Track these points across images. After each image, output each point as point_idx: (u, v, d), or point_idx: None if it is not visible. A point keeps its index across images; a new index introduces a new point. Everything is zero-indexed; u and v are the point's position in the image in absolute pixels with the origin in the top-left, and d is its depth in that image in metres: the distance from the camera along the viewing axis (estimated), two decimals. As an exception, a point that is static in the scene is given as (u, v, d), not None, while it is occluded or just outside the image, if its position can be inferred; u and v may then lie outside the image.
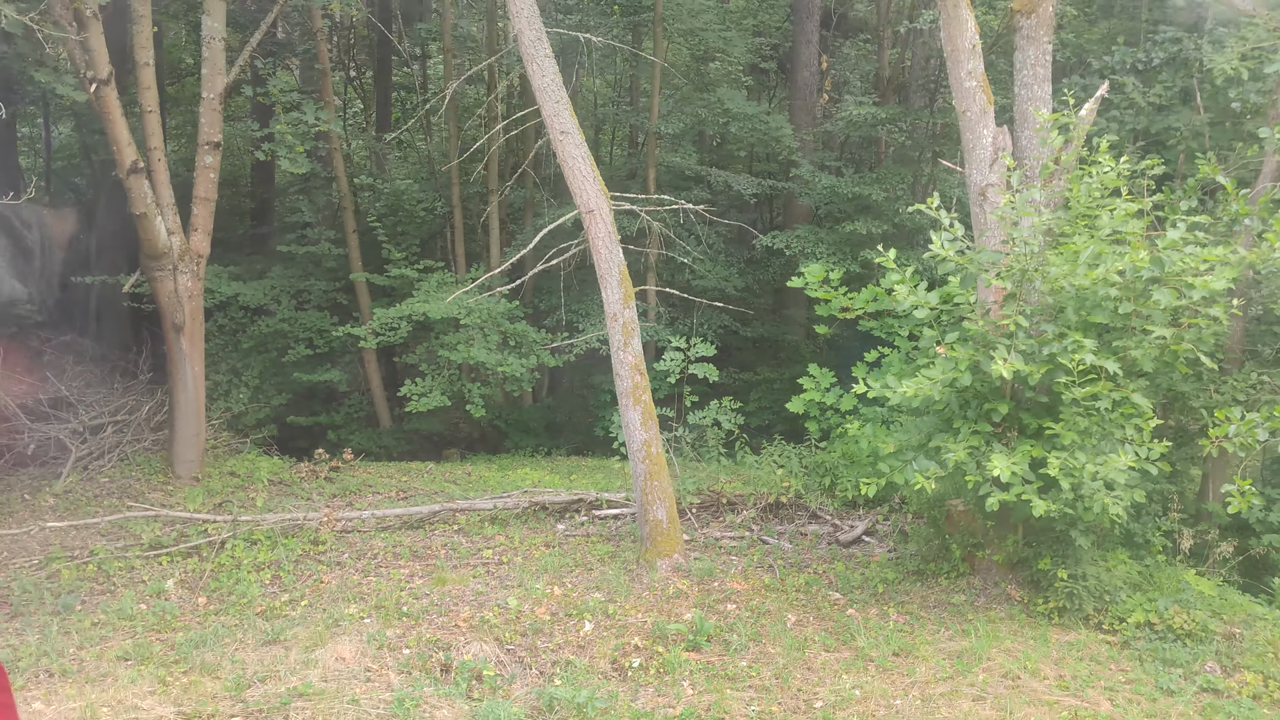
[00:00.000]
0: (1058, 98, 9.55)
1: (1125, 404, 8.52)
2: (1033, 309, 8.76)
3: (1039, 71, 9.55)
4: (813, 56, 22.35)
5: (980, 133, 9.25)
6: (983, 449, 8.78)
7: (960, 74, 9.19)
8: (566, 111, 10.69)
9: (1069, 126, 9.47)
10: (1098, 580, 9.15)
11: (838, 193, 17.17)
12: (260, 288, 18.96)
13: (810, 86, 22.41)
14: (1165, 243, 8.64)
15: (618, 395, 10.98)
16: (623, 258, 10.97)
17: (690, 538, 11.82)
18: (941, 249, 8.32)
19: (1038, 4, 9.42)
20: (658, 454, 10.82)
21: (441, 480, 14.69)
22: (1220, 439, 8.30)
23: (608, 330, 11.05)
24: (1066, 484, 8.32)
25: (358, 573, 10.51)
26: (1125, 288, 8.62)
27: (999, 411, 8.85)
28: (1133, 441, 8.64)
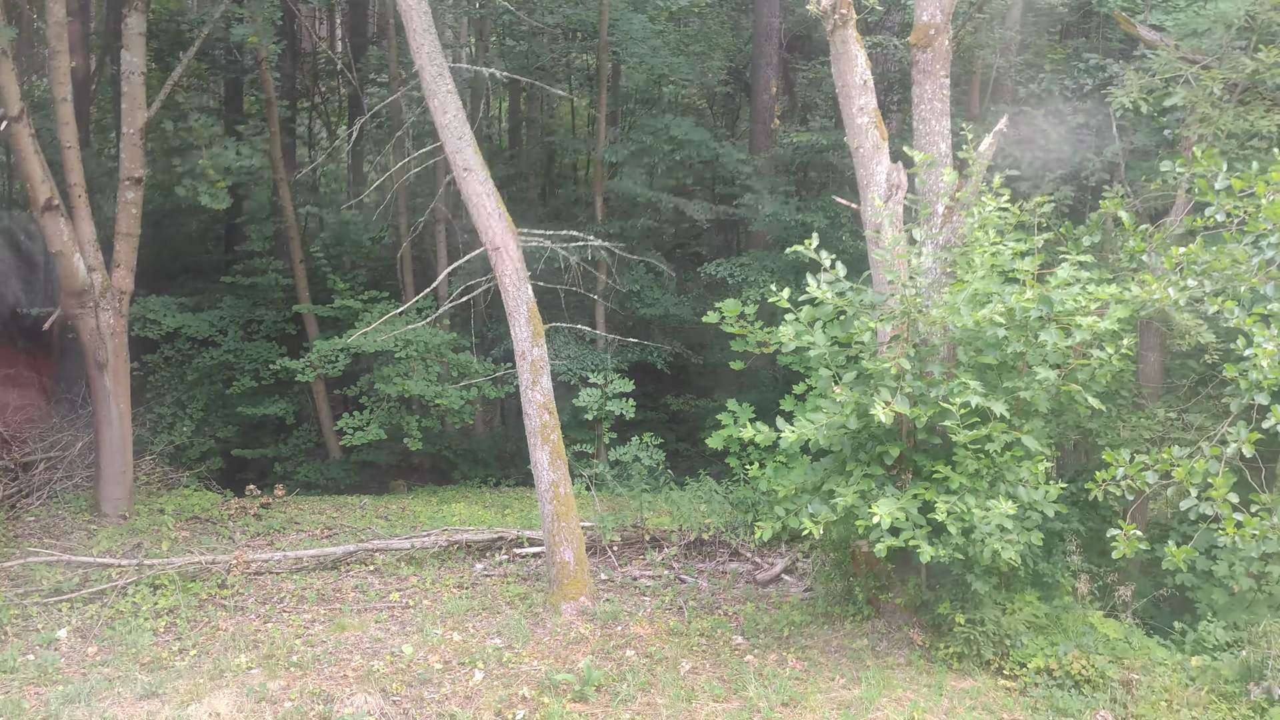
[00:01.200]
0: (966, 131, 9.40)
1: (1016, 446, 8.35)
2: (925, 350, 8.60)
3: (936, 106, 9.42)
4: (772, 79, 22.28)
5: (874, 169, 9.10)
6: (873, 492, 8.61)
7: (852, 110, 9.05)
8: (470, 148, 10.57)
9: (968, 162, 9.35)
10: (997, 624, 8.95)
11: (781, 219, 17.03)
12: (208, 318, 18.84)
13: (770, 110, 22.33)
14: (1056, 281, 8.50)
15: (527, 434, 10.81)
16: (531, 294, 10.82)
17: (608, 577, 11.64)
18: (818, 290, 8.16)
19: (933, 39, 9.29)
20: (566, 494, 10.65)
21: (372, 516, 14.51)
22: (1106, 483, 8.12)
23: (517, 368, 10.90)
24: (954, 529, 8.15)
25: (258, 618, 10.33)
26: (1018, 328, 8.47)
27: (890, 454, 8.68)
28: (1027, 484, 8.48)
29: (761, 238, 20.21)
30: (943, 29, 9.31)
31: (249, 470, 19.03)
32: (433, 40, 10.44)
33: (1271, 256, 7.77)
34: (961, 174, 9.49)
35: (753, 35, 22.88)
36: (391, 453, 18.77)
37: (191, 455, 18.21)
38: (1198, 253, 7.96)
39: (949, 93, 9.48)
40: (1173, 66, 9.40)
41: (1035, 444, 8.26)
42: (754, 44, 22.70)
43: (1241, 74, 9.22)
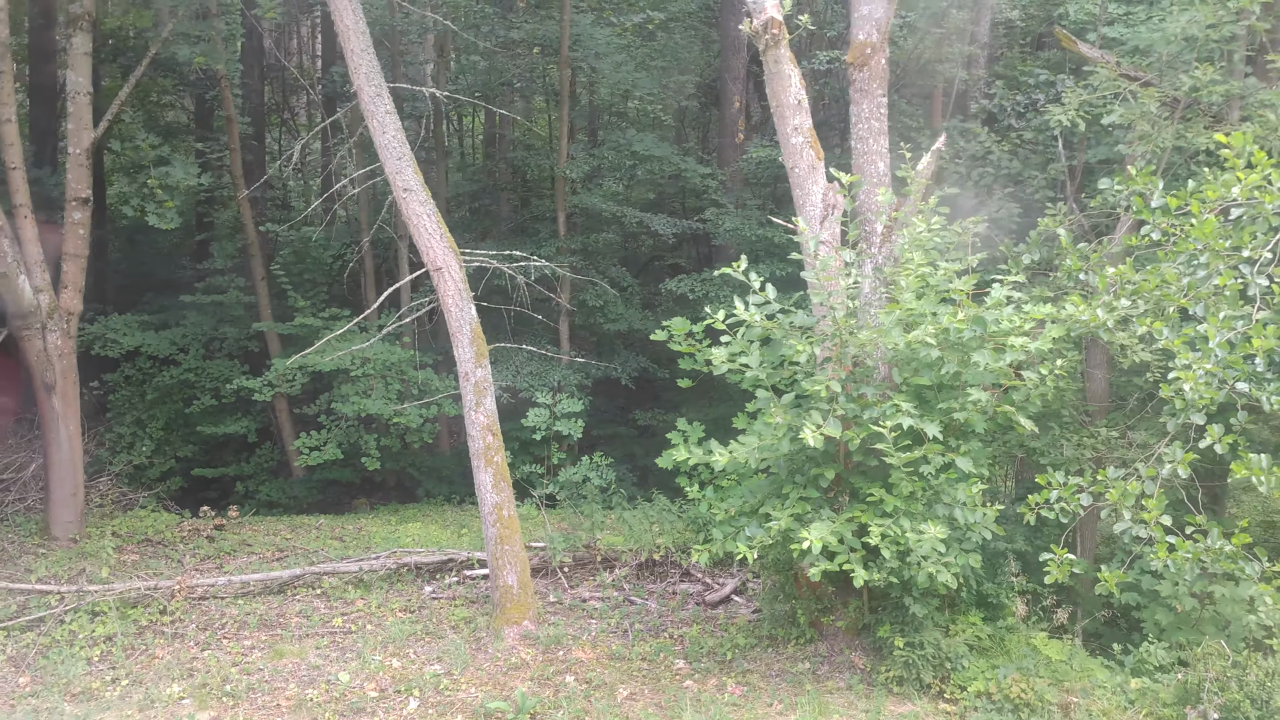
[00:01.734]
0: (903, 150, 9.35)
1: (951, 468, 8.28)
2: (861, 371, 8.53)
3: (874, 125, 9.37)
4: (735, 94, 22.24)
5: (810, 190, 9.04)
6: (809, 515, 8.53)
7: (787, 130, 8.99)
8: (410, 168, 10.48)
9: (906, 181, 9.32)
10: (937, 647, 8.86)
11: (742, 234, 16.97)
12: (170, 336, 18.67)
13: (736, 124, 22.30)
14: (991, 302, 8.45)
15: (471, 456, 10.70)
16: (475, 315, 10.73)
17: (557, 599, 11.52)
18: (745, 313, 8.08)
19: (869, 57, 9.25)
20: (510, 517, 10.54)
21: (327, 537, 14.37)
22: (1039, 506, 8.04)
23: (460, 389, 10.80)
24: (888, 552, 8.07)
25: (196, 646, 10.19)
26: (953, 348, 8.41)
27: (825, 477, 8.60)
28: (965, 505, 8.40)
29: (729, 252, 20.16)
30: (879, 48, 9.26)
31: (211, 489, 18.86)
32: (370, 60, 10.35)
33: (1203, 276, 7.72)
34: (900, 193, 9.45)
35: (720, 49, 22.88)
36: (355, 471, 18.61)
37: (151, 475, 18.03)
38: (1127, 273, 7.91)
39: (887, 111, 9.43)
40: (1112, 84, 9.36)
41: (970, 466, 8.19)
42: (721, 58, 22.68)
43: (1179, 91, 9.18)
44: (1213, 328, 7.60)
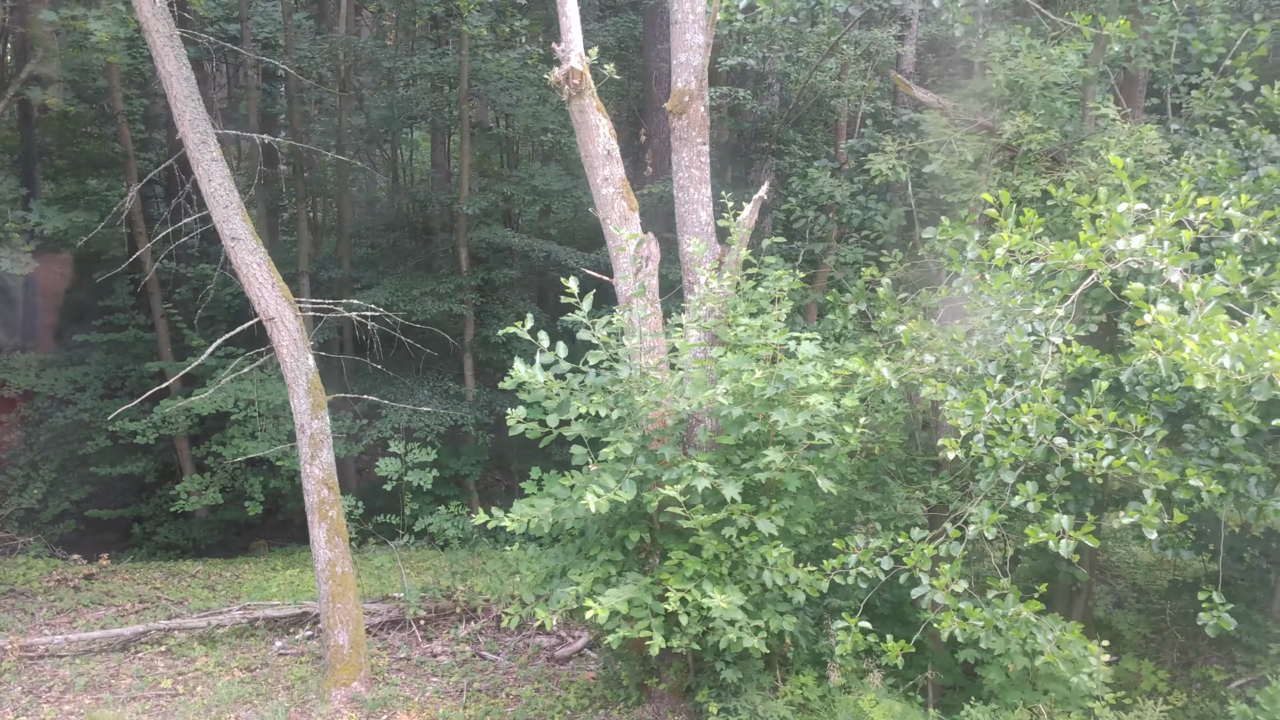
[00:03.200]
0: (724, 200, 9.15)
1: (753, 530, 8.03)
2: (662, 431, 8.28)
3: (694, 174, 9.16)
4: (663, 143, 21.97)
5: (622, 242, 8.82)
6: (613, 578, 8.27)
7: (597, 181, 8.77)
8: (238, 216, 10.23)
9: (729, 230, 9.11)
10: (753, 712, 8.58)
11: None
12: (71, 375, 18.37)
13: (664, 155, 22.07)
14: (803, 356, 8.23)
15: (306, 510, 10.41)
16: (312, 365, 10.46)
17: (406, 655, 11.21)
18: (525, 373, 7.81)
19: (688, 105, 9.05)
20: (344, 574, 10.24)
21: (198, 586, 14.04)
22: (834, 572, 7.78)
23: (297, 441, 10.52)
24: (686, 618, 7.80)
25: (13, 712, 9.84)
26: (762, 405, 8.18)
27: (630, 539, 8.34)
28: (774, 568, 8.14)
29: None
30: (697, 95, 9.07)
31: (108, 531, 18.52)
32: (195, 106, 10.11)
33: (1000, 333, 7.49)
34: (724, 242, 9.24)
35: (643, 81, 22.73)
36: (256, 509, 18.29)
37: (44, 518, 17.69)
38: (916, 329, 7.68)
39: (708, 160, 9.23)
40: (939, 131, 9.17)
41: (771, 527, 7.94)
42: (644, 88, 22.55)
43: (1002, 138, 9.00)
44: (990, 388, 7.38)
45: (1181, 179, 8.29)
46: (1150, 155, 8.93)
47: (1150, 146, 8.93)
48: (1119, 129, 8.87)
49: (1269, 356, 5.25)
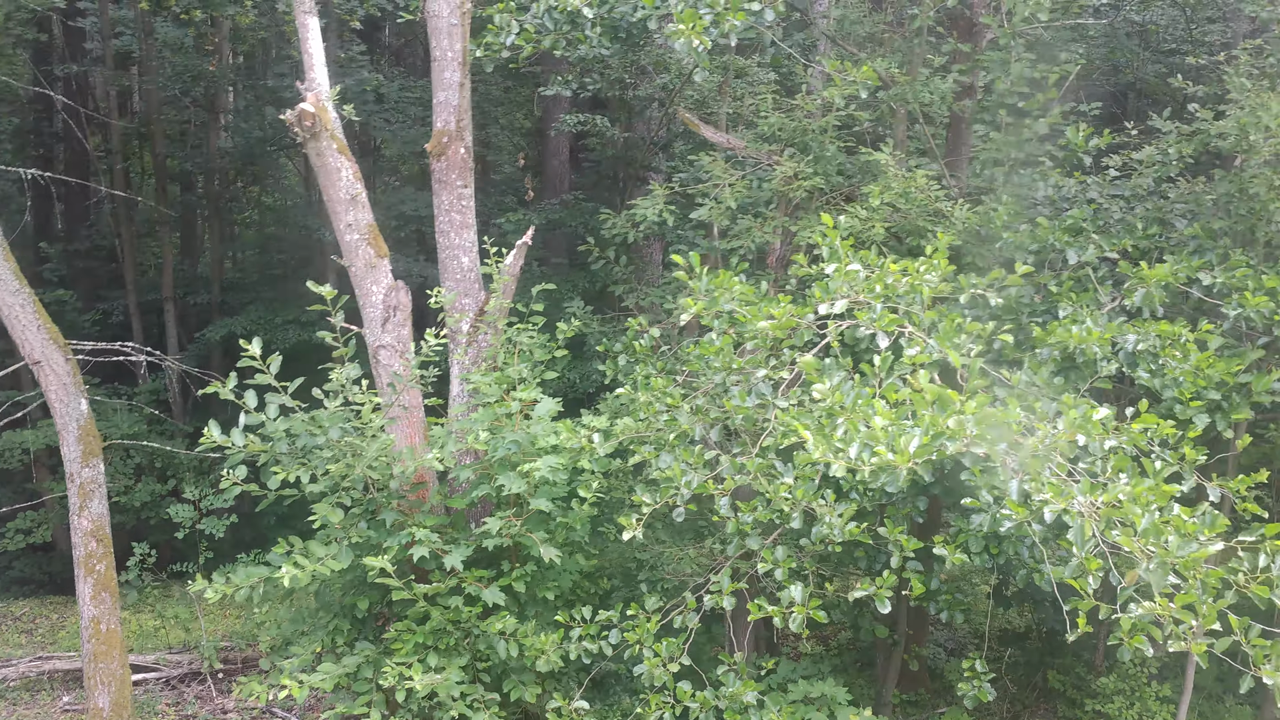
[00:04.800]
0: (486, 245, 8.74)
1: (478, 603, 7.61)
2: (384, 496, 7.85)
3: (455, 218, 8.76)
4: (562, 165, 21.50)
5: (369, 289, 8.39)
6: (340, 648, 7.84)
7: (340, 227, 8.36)
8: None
9: (491, 277, 8.72)
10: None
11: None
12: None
13: (559, 181, 21.66)
14: (539, 416, 7.82)
15: (74, 562, 9.93)
16: (85, 410, 9.98)
17: (192, 712, 10.73)
18: (217, 437, 7.29)
19: (446, 146, 8.65)
20: (109, 631, 9.75)
21: (16, 631, 13.49)
22: (549, 651, 7.35)
23: (67, 490, 10.04)
24: (403, 694, 7.37)
25: None
26: (497, 466, 7.78)
27: (359, 607, 7.92)
28: (509, 638, 7.72)
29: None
30: (456, 137, 8.67)
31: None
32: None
33: (714, 394, 7.10)
34: (488, 289, 8.85)
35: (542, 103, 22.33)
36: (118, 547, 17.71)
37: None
38: (629, 395, 7.29)
39: (472, 204, 8.83)
40: (719, 173, 8.80)
41: (498, 595, 7.52)
42: (544, 113, 22.14)
43: (769, 184, 8.64)
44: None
45: (942, 233, 7.93)
46: (926, 201, 8.59)
47: (922, 194, 8.59)
48: (888, 175, 8.53)
49: (898, 446, 4.86)
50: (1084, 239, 8.59)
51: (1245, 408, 7.77)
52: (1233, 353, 8.00)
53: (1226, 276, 7.92)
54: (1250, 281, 7.76)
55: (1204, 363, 7.35)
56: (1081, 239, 8.60)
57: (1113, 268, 8.80)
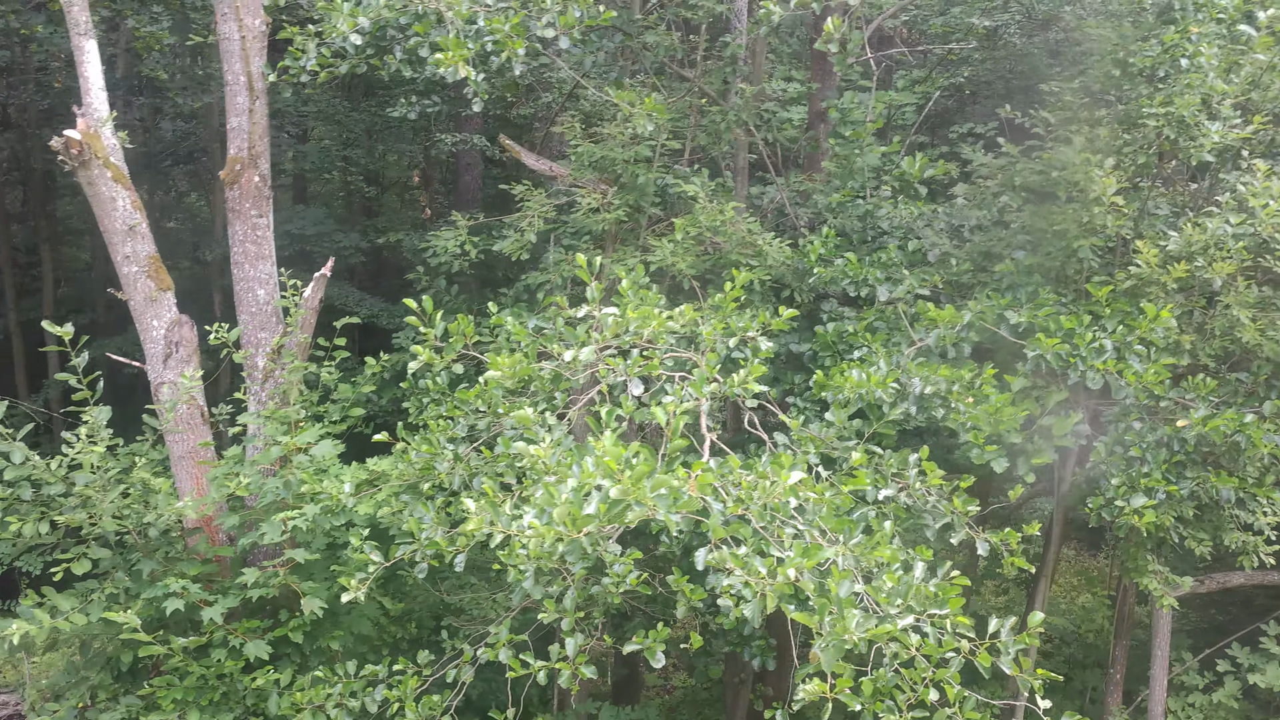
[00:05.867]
0: (284, 277, 8.40)
1: (242, 656, 7.26)
2: (154, 542, 7.49)
3: (250, 249, 8.41)
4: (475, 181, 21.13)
5: (150, 324, 8.02)
6: (103, 702, 7.46)
7: (118, 258, 7.98)
8: None
9: (288, 310, 8.39)
10: None
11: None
12: None
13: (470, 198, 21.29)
14: (317, 459, 7.48)
15: None
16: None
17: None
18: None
19: (239, 174, 8.30)
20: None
21: None
22: (311, 705, 7.00)
23: None
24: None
25: None
26: (270, 510, 7.43)
27: (123, 661, 7.54)
28: (282, 694, 7.37)
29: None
30: (250, 164, 8.32)
31: None
32: None
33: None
34: (284, 323, 8.50)
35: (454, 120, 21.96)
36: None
37: None
38: (405, 436, 6.93)
39: (269, 234, 8.49)
40: (528, 205, 8.49)
41: (262, 649, 7.17)
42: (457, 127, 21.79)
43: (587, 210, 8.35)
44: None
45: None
46: (734, 234, 8.34)
47: (734, 227, 8.34)
48: (700, 207, 8.27)
49: (575, 514, 4.56)
50: (896, 274, 8.37)
51: (1048, 451, 7.57)
52: (1039, 394, 7.81)
53: (1030, 316, 7.72)
54: (1050, 323, 7.56)
55: (994, 408, 7.12)
56: (894, 274, 8.39)
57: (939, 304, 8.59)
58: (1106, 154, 7.94)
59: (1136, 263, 7.67)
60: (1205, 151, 7.54)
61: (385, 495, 6.75)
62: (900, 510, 6.61)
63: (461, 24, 7.12)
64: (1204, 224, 7.56)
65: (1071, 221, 7.82)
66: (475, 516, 4.90)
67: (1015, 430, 7.34)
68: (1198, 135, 7.54)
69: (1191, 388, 7.54)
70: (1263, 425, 7.43)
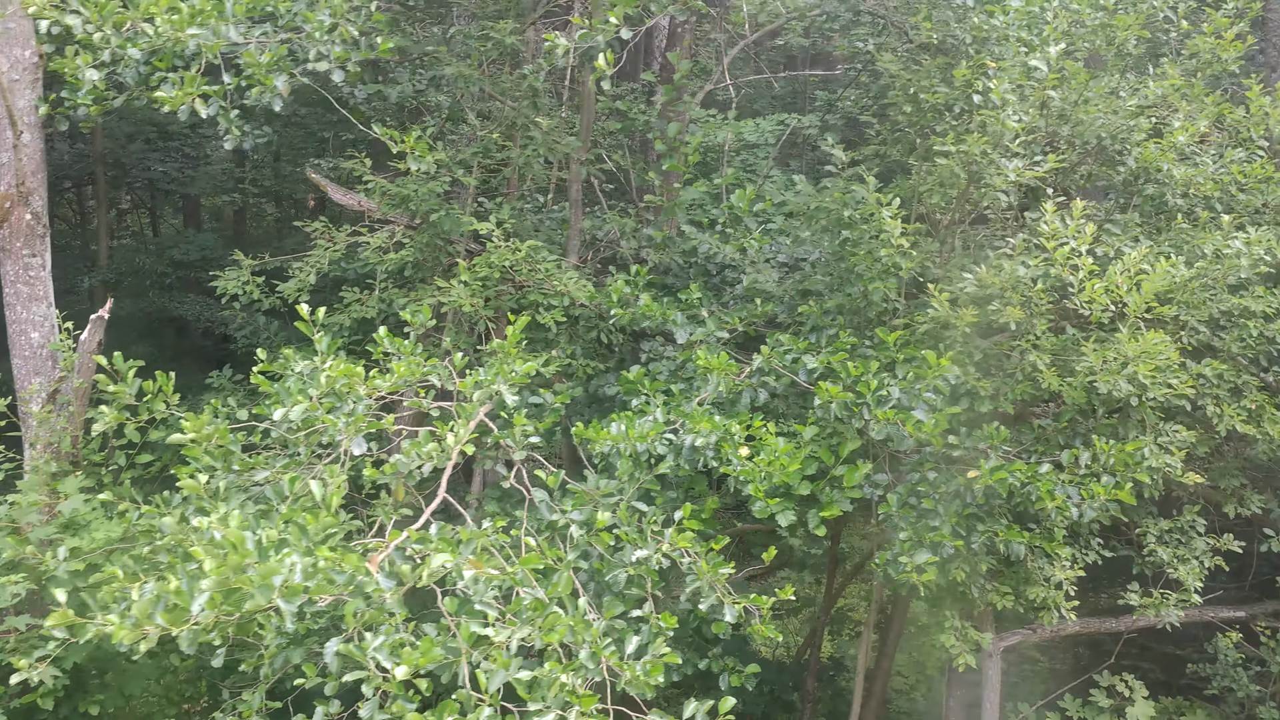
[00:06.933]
0: (59, 319, 8.03)
1: None
2: None
3: (22, 290, 8.03)
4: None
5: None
6: None
7: None
8: None
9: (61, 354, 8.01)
10: None
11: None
12: None
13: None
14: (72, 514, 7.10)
15: None
16: None
17: None
18: None
19: (9, 212, 7.92)
20: None
21: None
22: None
23: None
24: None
25: None
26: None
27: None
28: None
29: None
30: (20, 202, 7.95)
31: None
32: None
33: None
34: (61, 367, 8.12)
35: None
36: None
37: None
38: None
39: (44, 274, 8.11)
40: (320, 243, 8.15)
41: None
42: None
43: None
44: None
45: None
46: (531, 274, 8.01)
47: (529, 267, 8.00)
48: (492, 245, 7.94)
49: (184, 605, 4.17)
50: (697, 316, 8.05)
51: (843, 502, 7.24)
52: (836, 442, 7.48)
53: (824, 361, 7.41)
54: (843, 369, 7.24)
55: (770, 459, 6.80)
56: (695, 316, 8.07)
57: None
58: (904, 193, 7.67)
59: (933, 306, 7.38)
60: (998, 191, 7.25)
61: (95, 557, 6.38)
62: (652, 573, 6.26)
63: (209, 57, 6.79)
64: (1000, 265, 7.28)
65: (866, 262, 7.52)
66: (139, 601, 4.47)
67: (801, 482, 7.02)
68: (993, 174, 7.26)
69: (984, 436, 7.24)
70: (1059, 475, 7.14)
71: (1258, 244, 7.48)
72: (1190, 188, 8.03)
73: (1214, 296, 7.74)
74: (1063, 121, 7.80)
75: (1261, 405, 7.97)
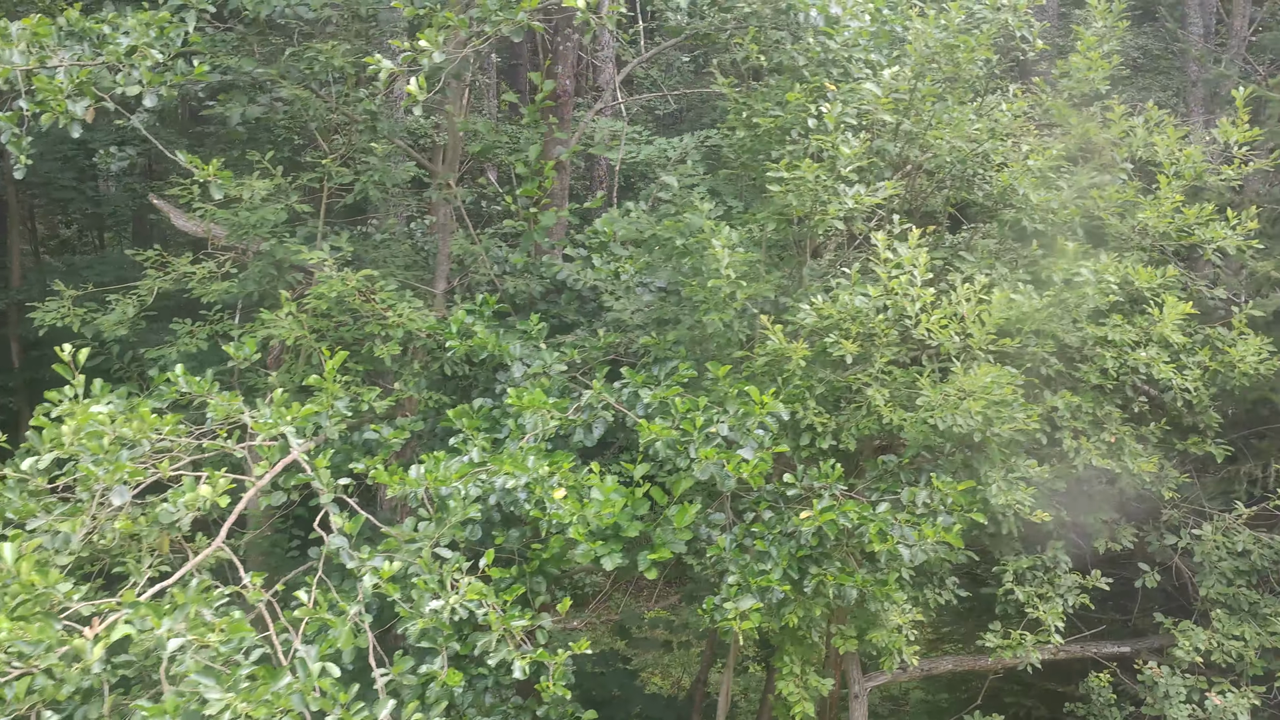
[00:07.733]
0: None
1: None
2: None
3: None
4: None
5: None
6: None
7: None
8: None
9: None
10: None
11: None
12: None
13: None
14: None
15: None
16: None
17: None
18: None
19: None
20: None
21: None
22: None
23: None
24: None
25: None
26: None
27: None
28: None
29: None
30: None
31: None
32: None
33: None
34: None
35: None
36: None
37: None
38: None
39: None
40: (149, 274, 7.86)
41: None
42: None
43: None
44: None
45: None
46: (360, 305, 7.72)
47: (360, 299, 7.71)
48: (322, 275, 7.65)
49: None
50: (532, 349, 7.75)
51: (675, 544, 6.95)
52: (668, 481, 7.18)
53: (656, 396, 7.11)
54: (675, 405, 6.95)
55: (590, 502, 6.50)
56: (530, 349, 7.77)
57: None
58: (751, 221, 7.40)
59: (770, 338, 7.09)
60: (831, 219, 6.97)
61: None
62: (444, 625, 5.96)
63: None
64: (837, 295, 7.00)
65: (702, 292, 7.24)
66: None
67: (631, 523, 6.74)
68: (828, 201, 6.98)
69: (818, 475, 6.95)
70: (897, 515, 6.86)
71: (1105, 271, 7.22)
72: (1048, 213, 7.77)
73: (1068, 326, 7.47)
74: (912, 145, 7.53)
75: (1121, 438, 7.70)
